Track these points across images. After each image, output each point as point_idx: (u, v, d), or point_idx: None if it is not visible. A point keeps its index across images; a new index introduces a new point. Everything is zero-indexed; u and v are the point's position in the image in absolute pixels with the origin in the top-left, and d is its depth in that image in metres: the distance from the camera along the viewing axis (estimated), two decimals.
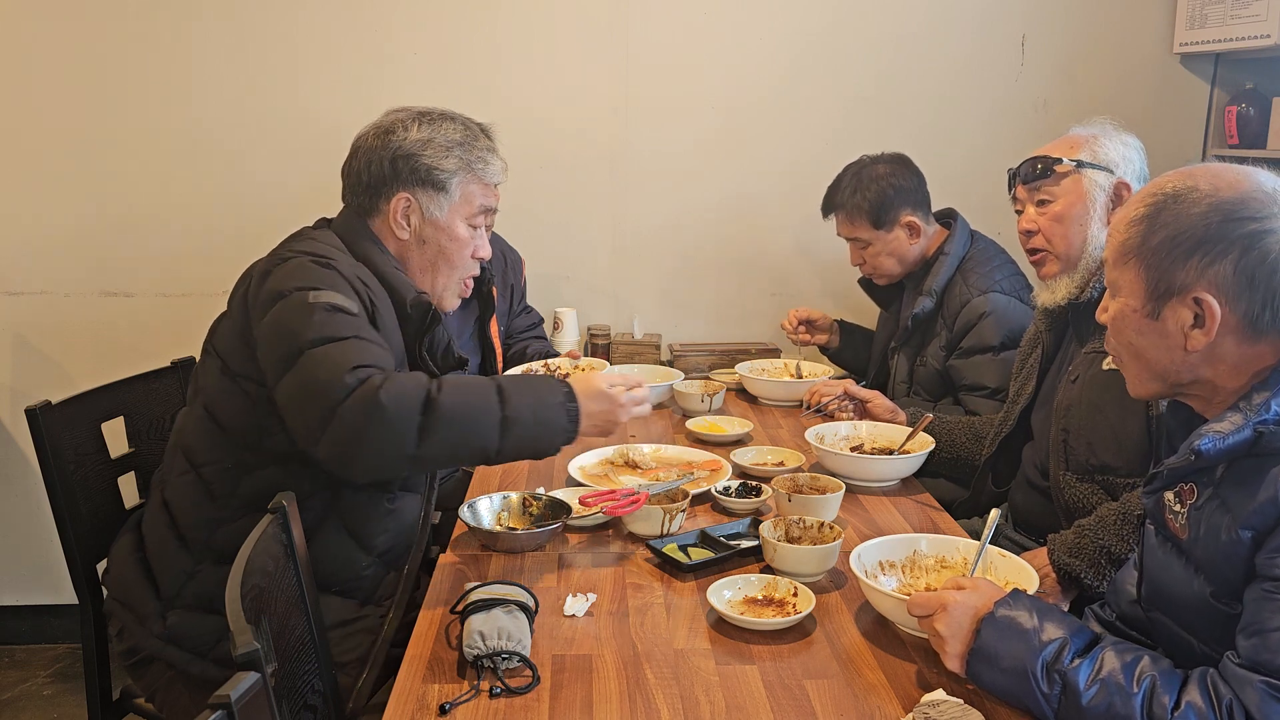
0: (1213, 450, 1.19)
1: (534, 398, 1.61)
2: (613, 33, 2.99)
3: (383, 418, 1.50)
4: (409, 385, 1.54)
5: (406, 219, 1.83)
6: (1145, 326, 1.28)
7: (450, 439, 1.55)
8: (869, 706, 1.27)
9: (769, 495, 1.86)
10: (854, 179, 2.55)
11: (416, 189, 1.82)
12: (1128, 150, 1.92)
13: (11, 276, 3.00)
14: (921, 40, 3.04)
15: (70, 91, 2.91)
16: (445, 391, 1.55)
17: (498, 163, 1.90)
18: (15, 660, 3.09)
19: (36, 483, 2.00)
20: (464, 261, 1.90)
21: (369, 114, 3.01)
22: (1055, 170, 1.93)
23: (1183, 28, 3.00)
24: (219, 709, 0.95)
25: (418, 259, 1.86)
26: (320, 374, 1.53)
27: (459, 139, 1.85)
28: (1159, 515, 1.31)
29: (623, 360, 2.88)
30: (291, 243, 1.78)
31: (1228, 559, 1.18)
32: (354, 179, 1.86)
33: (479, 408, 1.57)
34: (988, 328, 2.37)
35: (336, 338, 1.57)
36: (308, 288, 1.63)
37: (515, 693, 1.29)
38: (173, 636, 1.71)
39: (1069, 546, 1.73)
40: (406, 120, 1.85)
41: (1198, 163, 3.12)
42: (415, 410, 1.52)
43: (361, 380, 1.52)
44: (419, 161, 1.81)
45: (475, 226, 1.89)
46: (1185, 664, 1.20)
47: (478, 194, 1.87)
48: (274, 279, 1.66)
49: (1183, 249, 1.23)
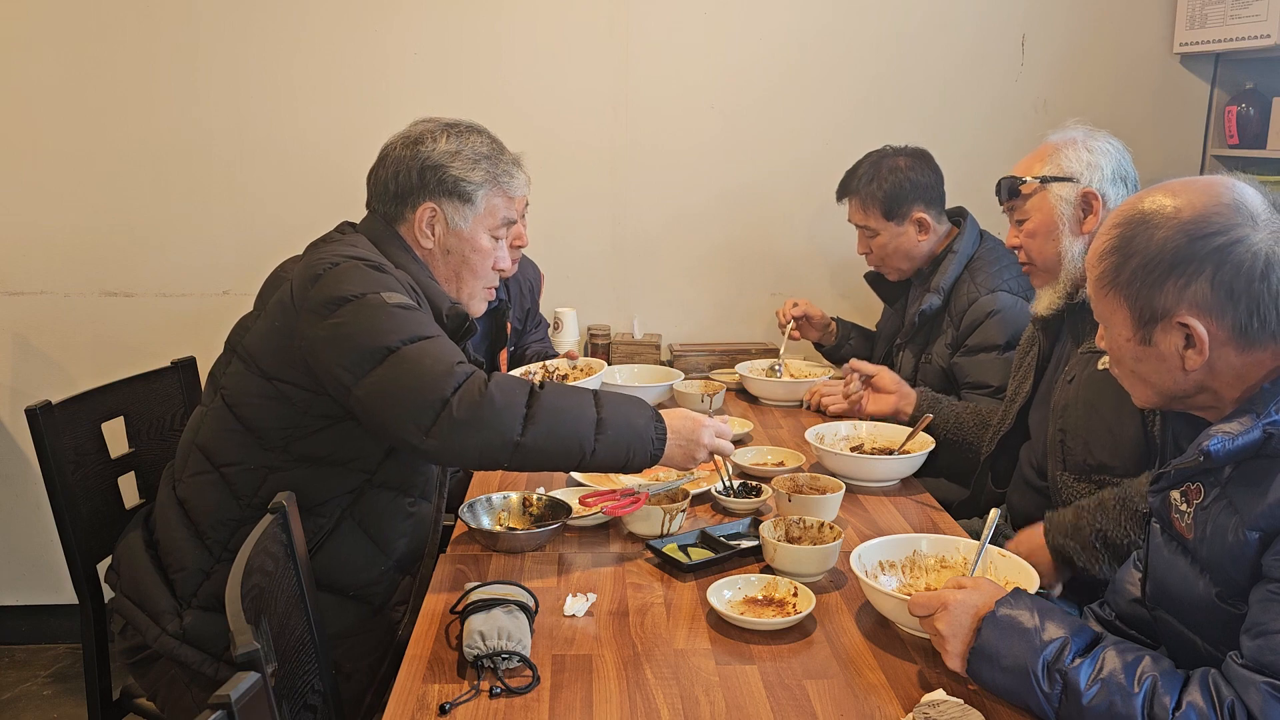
0: (1221, 451, 1.18)
1: (626, 409, 1.69)
2: (613, 32, 2.99)
3: (494, 405, 1.57)
4: (512, 380, 1.63)
5: (431, 228, 1.85)
6: (1141, 353, 1.29)
7: (552, 430, 1.61)
8: (869, 707, 1.27)
9: (769, 495, 1.86)
10: (872, 167, 2.55)
11: (443, 199, 1.84)
12: (1093, 156, 1.92)
13: (11, 276, 3.00)
14: (921, 40, 3.04)
15: (71, 92, 2.91)
16: (546, 389, 1.64)
17: (522, 176, 1.94)
18: (15, 660, 3.09)
19: (36, 483, 2.00)
20: (486, 271, 1.92)
21: (369, 115, 3.02)
22: (1021, 190, 1.97)
23: (1183, 28, 3.00)
24: (219, 709, 0.95)
25: (442, 268, 1.89)
26: (425, 366, 1.59)
27: (486, 152, 1.87)
28: (1165, 515, 1.31)
29: (623, 360, 2.88)
30: (333, 246, 1.78)
31: (1234, 560, 1.18)
32: (381, 187, 1.87)
33: (577, 406, 1.64)
34: (993, 326, 2.38)
35: (426, 335, 1.64)
36: (376, 290, 1.66)
37: (515, 692, 1.29)
38: (189, 636, 1.71)
39: (1065, 528, 1.74)
40: (435, 131, 1.86)
41: (1197, 162, 3.14)
42: (521, 401, 1.60)
43: (469, 373, 1.60)
44: (447, 173, 1.83)
45: (497, 238, 1.92)
46: (1190, 664, 1.20)
47: (501, 206, 1.89)
48: (328, 284, 1.67)
49: (1156, 275, 1.23)
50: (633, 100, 3.03)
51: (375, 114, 2.96)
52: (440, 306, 1.80)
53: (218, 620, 1.69)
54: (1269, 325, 1.20)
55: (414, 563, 1.83)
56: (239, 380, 1.74)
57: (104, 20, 2.88)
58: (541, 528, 1.74)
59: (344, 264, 1.70)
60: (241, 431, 1.73)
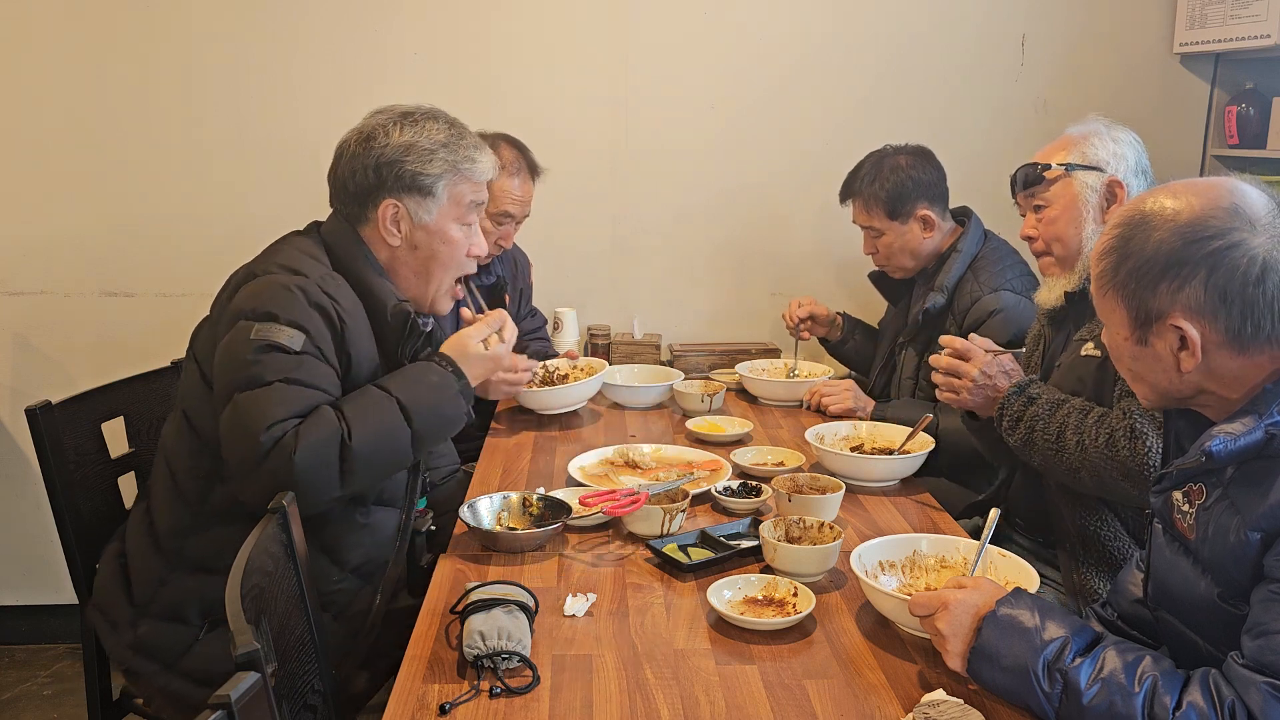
0: (1223, 452, 1.18)
1: (433, 398, 1.70)
2: (613, 31, 2.99)
3: (300, 478, 1.57)
4: (321, 438, 1.59)
5: (396, 225, 1.81)
6: (1138, 353, 1.29)
7: (371, 472, 1.67)
8: (869, 707, 1.27)
9: (769, 495, 1.86)
10: (874, 167, 2.55)
11: (403, 195, 1.79)
12: (1119, 147, 1.95)
13: (11, 276, 3.00)
14: (921, 40, 3.04)
15: (71, 91, 2.91)
16: (356, 433, 1.61)
17: (486, 159, 1.87)
18: (15, 660, 3.09)
19: (36, 483, 2.00)
20: (458, 261, 1.87)
21: (366, 112, 3.00)
22: (1045, 176, 1.97)
23: (1183, 28, 3.00)
24: (219, 709, 0.94)
25: (410, 263, 1.84)
26: (241, 424, 1.59)
27: (444, 139, 1.81)
28: (1167, 515, 1.31)
29: (622, 360, 2.88)
30: (272, 253, 1.77)
31: (1235, 560, 1.18)
32: (339, 187, 1.83)
33: (390, 434, 1.66)
34: (997, 325, 2.37)
35: (262, 382, 1.61)
36: (257, 318, 1.64)
37: (515, 692, 1.29)
38: (141, 646, 1.71)
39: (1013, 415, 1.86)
40: (388, 124, 1.80)
41: (1197, 162, 3.14)
42: (333, 461, 1.60)
43: (276, 440, 1.58)
44: (404, 168, 1.78)
45: (468, 224, 1.87)
46: (1191, 664, 1.20)
47: (467, 193, 1.84)
48: (240, 297, 1.68)
49: (1150, 276, 1.24)
50: (633, 100, 3.03)
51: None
52: (385, 303, 1.76)
53: (172, 630, 1.70)
54: (1264, 329, 1.20)
55: (376, 571, 1.80)
56: (190, 383, 1.75)
57: (104, 21, 2.88)
58: (541, 528, 1.74)
59: (263, 277, 1.69)
60: (193, 437, 1.73)
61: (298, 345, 1.64)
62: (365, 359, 1.74)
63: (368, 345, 1.75)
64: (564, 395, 2.42)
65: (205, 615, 1.70)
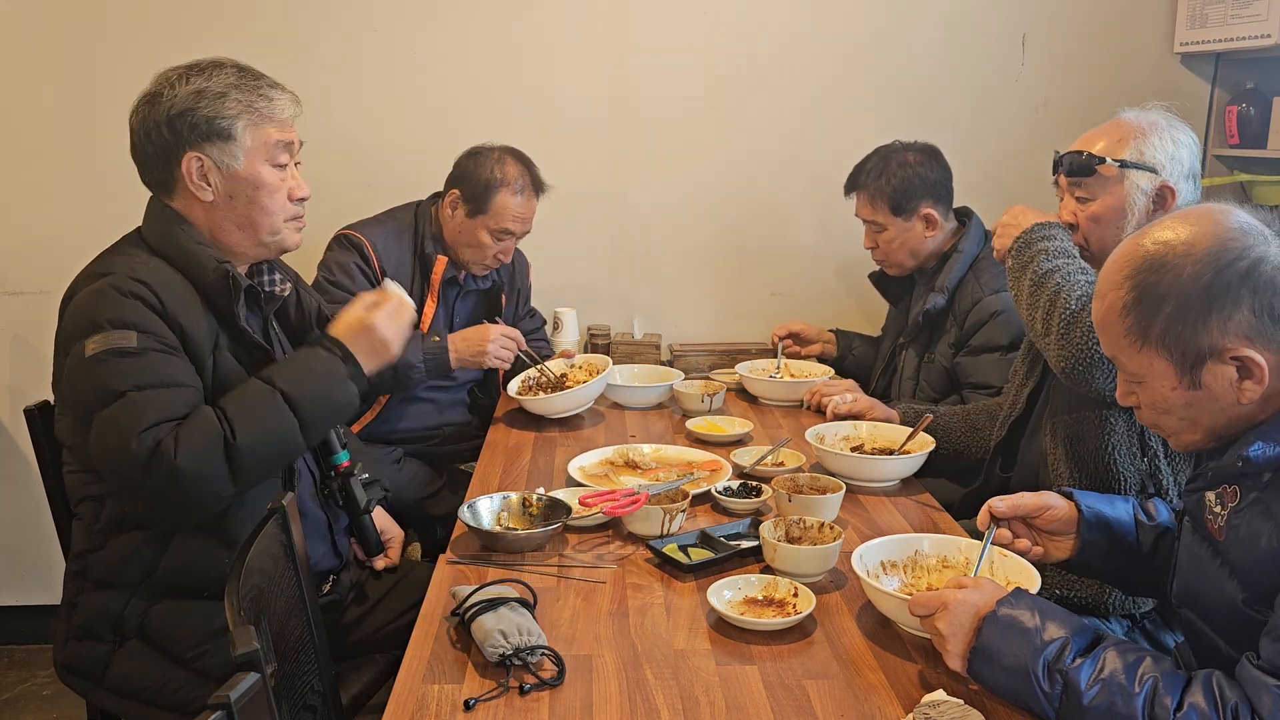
0: (1262, 457, 1.18)
1: (320, 385, 1.68)
2: (613, 31, 2.98)
3: (187, 482, 1.54)
4: (203, 438, 1.56)
5: (205, 179, 1.70)
6: (1192, 399, 1.25)
7: (265, 466, 1.65)
8: (869, 707, 1.27)
9: (769, 495, 1.86)
10: (881, 162, 2.54)
11: (203, 144, 1.69)
12: (1178, 149, 1.83)
13: (11, 276, 3.00)
14: (921, 40, 3.03)
15: (71, 91, 2.91)
16: (240, 432, 1.59)
17: (284, 97, 1.77)
18: (15, 660, 3.09)
19: (36, 483, 1.99)
20: (280, 205, 1.77)
21: (368, 115, 3.01)
22: (1098, 170, 1.84)
23: (1183, 27, 3.00)
24: (219, 709, 0.94)
25: (232, 217, 1.74)
26: (109, 442, 1.55)
27: (234, 81, 1.71)
28: (1199, 515, 1.30)
29: (623, 360, 2.87)
30: (94, 263, 1.73)
31: (1264, 565, 1.17)
32: (141, 156, 1.73)
33: (277, 427, 1.63)
34: (998, 326, 2.37)
35: (116, 394, 1.56)
36: (82, 334, 1.60)
37: (548, 684, 1.30)
38: (70, 666, 1.72)
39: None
40: (173, 78, 1.70)
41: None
42: (219, 460, 1.57)
43: (151, 448, 1.53)
44: (197, 115, 1.67)
45: (282, 165, 1.77)
46: (1212, 665, 1.19)
47: (272, 133, 1.74)
48: (63, 324, 1.66)
49: (1194, 314, 1.20)
50: (633, 100, 3.03)
51: (375, 115, 2.96)
52: (206, 269, 1.69)
53: (91, 648, 1.69)
54: None
55: None
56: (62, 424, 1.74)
57: (104, 21, 2.87)
58: (541, 528, 1.74)
59: (75, 298, 1.65)
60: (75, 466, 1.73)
61: (134, 343, 1.59)
62: (198, 330, 1.67)
63: (196, 314, 1.68)
64: (571, 399, 2.41)
65: (114, 631, 1.69)
